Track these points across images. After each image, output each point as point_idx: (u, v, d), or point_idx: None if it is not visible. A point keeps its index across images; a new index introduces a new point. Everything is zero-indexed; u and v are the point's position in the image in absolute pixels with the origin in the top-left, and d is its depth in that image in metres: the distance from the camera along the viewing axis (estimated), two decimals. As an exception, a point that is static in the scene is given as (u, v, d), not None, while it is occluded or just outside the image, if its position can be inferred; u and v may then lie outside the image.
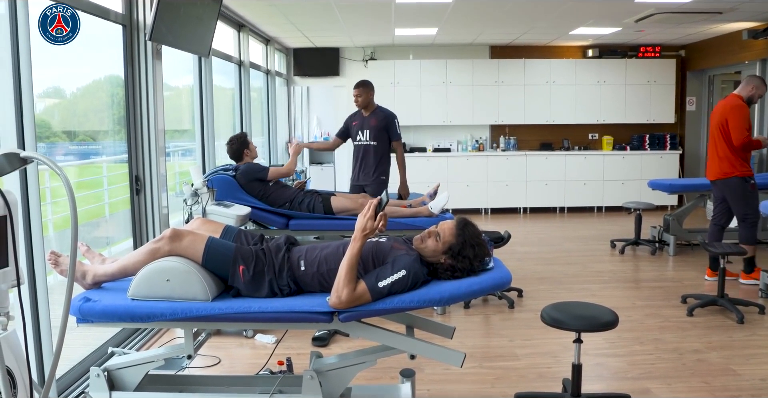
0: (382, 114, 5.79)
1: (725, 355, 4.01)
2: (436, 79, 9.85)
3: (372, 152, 5.77)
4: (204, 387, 3.02)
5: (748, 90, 5.40)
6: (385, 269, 2.63)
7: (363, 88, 5.75)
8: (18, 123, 2.93)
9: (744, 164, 5.41)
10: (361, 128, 5.79)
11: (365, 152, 5.80)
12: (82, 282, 2.79)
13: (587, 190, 9.94)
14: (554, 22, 7.71)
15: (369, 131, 5.75)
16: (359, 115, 5.86)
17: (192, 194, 4.18)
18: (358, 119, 5.85)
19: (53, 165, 1.64)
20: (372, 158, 5.77)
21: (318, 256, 2.79)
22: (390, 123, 5.75)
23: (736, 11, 6.91)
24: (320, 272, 2.76)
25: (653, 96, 9.97)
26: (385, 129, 5.73)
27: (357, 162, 5.89)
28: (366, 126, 5.77)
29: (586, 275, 6.11)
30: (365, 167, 5.82)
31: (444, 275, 2.75)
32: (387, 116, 5.77)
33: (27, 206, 2.99)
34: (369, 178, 5.80)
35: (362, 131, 5.78)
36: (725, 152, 5.41)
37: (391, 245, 2.80)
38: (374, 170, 5.77)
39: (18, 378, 1.70)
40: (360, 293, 2.56)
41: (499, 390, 3.53)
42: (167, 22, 4.30)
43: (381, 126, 5.73)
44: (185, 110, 6.56)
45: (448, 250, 2.74)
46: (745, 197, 5.42)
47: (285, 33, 8.52)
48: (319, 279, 2.76)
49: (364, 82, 5.79)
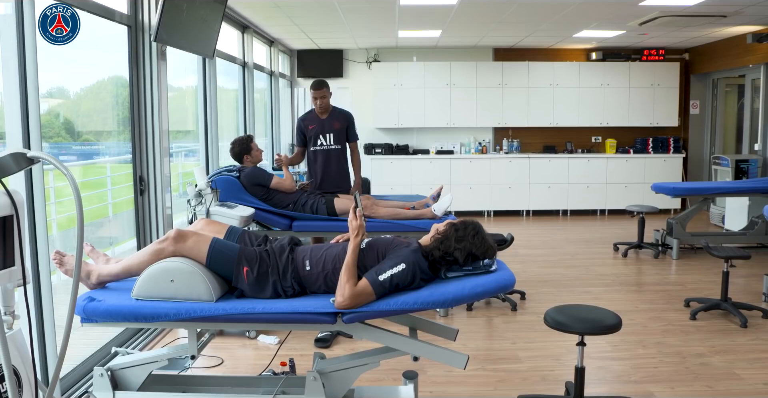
0: (341, 115, 5.46)
1: (728, 359, 4.00)
2: (440, 81, 9.85)
3: (336, 156, 5.43)
4: (207, 387, 3.03)
5: None
6: (384, 264, 2.68)
7: (326, 88, 5.32)
8: (24, 123, 2.94)
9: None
10: (322, 132, 5.38)
11: (327, 156, 5.40)
12: (87, 282, 2.80)
13: (590, 193, 9.93)
14: (558, 24, 7.71)
15: (332, 134, 5.39)
16: (315, 118, 5.43)
17: (196, 195, 4.19)
18: (316, 123, 5.41)
19: (60, 165, 1.65)
20: (337, 162, 5.44)
21: (323, 255, 2.81)
22: (351, 123, 5.47)
23: (741, 15, 6.91)
24: (325, 271, 2.77)
25: (657, 99, 9.96)
26: (345, 130, 5.43)
27: (320, 168, 5.41)
28: (328, 129, 5.38)
29: (589, 278, 6.10)
30: (331, 172, 5.42)
31: (441, 264, 2.79)
32: (347, 117, 5.47)
33: (32, 206, 3.00)
34: (339, 184, 5.44)
35: (324, 135, 5.38)
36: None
37: (392, 240, 2.87)
38: (343, 175, 5.49)
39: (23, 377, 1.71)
40: (362, 288, 2.59)
41: (501, 393, 3.53)
42: (172, 23, 4.31)
43: (343, 128, 5.42)
44: (189, 111, 6.57)
45: (443, 234, 2.81)
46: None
47: (289, 34, 8.53)
48: (324, 278, 2.77)
49: (322, 82, 5.35)
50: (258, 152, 5.17)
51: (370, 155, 9.78)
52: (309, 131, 5.42)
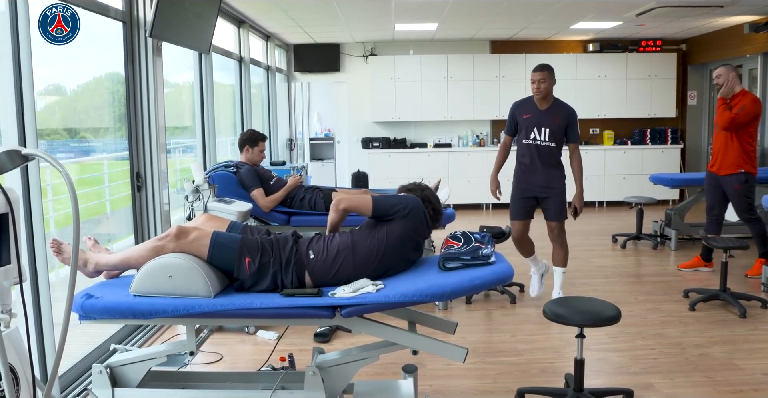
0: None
1: (728, 350, 4.01)
2: (437, 74, 9.83)
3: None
4: (206, 383, 3.02)
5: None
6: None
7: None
8: (19, 120, 2.93)
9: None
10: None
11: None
12: (84, 270, 2.82)
13: (588, 185, 9.74)
14: (554, 16, 7.69)
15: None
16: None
17: (193, 191, 4.17)
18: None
19: (55, 162, 1.64)
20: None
21: (326, 243, 2.88)
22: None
23: (738, 5, 6.89)
24: (330, 256, 2.81)
25: (654, 90, 9.94)
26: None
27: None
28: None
29: (588, 270, 6.11)
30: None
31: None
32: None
33: (29, 204, 2.99)
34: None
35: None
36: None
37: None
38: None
39: (21, 375, 1.71)
40: (363, 195, 3.04)
41: (501, 386, 3.53)
42: (167, 18, 4.29)
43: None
44: (186, 107, 6.55)
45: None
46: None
47: (285, 29, 8.50)
48: (330, 264, 2.80)
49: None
50: (260, 154, 5.15)
51: (368, 149, 9.78)
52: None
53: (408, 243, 2.90)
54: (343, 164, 10.99)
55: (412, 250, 2.95)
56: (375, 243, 2.84)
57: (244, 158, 5.12)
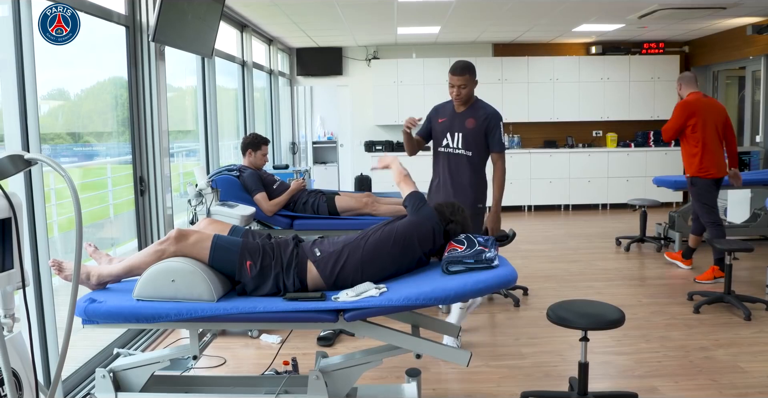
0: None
1: (732, 352, 3.99)
2: (440, 77, 9.76)
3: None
4: (209, 387, 3.02)
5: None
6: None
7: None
8: (22, 125, 2.93)
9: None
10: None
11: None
12: (87, 283, 2.80)
13: (592, 187, 9.92)
14: (557, 19, 7.69)
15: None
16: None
17: (196, 195, 4.18)
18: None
19: (57, 167, 1.64)
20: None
21: (334, 242, 2.90)
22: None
23: (741, 6, 6.88)
24: (336, 251, 2.82)
25: (657, 93, 9.93)
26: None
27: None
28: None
29: (592, 273, 6.09)
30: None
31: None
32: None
33: (32, 208, 2.99)
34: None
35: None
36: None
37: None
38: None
39: (24, 380, 1.71)
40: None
41: (505, 389, 3.52)
42: (170, 23, 4.30)
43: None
44: (189, 111, 6.56)
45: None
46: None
47: (288, 33, 8.51)
48: (335, 258, 2.81)
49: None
50: (262, 157, 5.16)
51: (371, 153, 9.77)
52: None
53: (414, 243, 2.90)
54: (346, 167, 11.00)
55: (417, 256, 2.95)
56: (383, 237, 2.88)
57: (247, 162, 5.13)
